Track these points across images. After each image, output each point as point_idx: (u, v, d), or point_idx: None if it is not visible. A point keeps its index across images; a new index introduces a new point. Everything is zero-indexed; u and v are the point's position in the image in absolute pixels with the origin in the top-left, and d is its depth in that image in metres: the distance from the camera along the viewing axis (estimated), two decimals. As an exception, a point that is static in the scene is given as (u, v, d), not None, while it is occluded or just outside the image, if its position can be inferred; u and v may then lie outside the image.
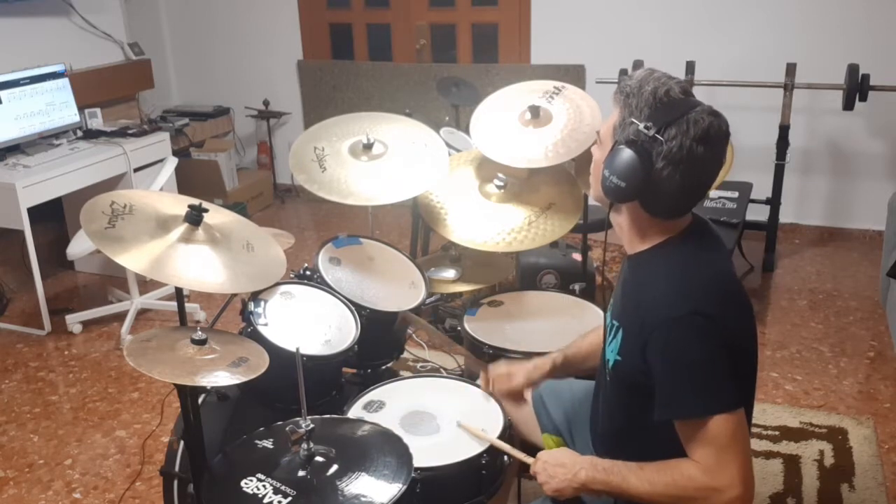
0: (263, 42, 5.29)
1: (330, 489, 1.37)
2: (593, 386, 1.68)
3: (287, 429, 1.42)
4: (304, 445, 1.41)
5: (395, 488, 1.37)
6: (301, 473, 1.40)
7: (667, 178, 1.33)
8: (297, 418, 1.44)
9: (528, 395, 1.86)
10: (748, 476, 1.30)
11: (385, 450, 1.48)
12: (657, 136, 1.32)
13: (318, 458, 1.42)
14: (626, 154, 1.34)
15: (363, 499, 1.35)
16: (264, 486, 1.38)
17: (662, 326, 1.33)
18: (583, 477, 1.42)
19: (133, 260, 1.60)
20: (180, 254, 1.66)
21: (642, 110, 1.34)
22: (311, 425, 1.41)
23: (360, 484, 1.38)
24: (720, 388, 1.31)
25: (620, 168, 1.34)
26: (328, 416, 1.67)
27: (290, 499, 1.35)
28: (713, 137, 1.33)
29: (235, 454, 1.53)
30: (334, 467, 1.41)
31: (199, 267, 1.66)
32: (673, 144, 1.31)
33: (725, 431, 1.29)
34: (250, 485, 1.39)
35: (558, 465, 1.47)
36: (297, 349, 1.42)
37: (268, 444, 1.52)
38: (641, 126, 1.33)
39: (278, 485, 1.38)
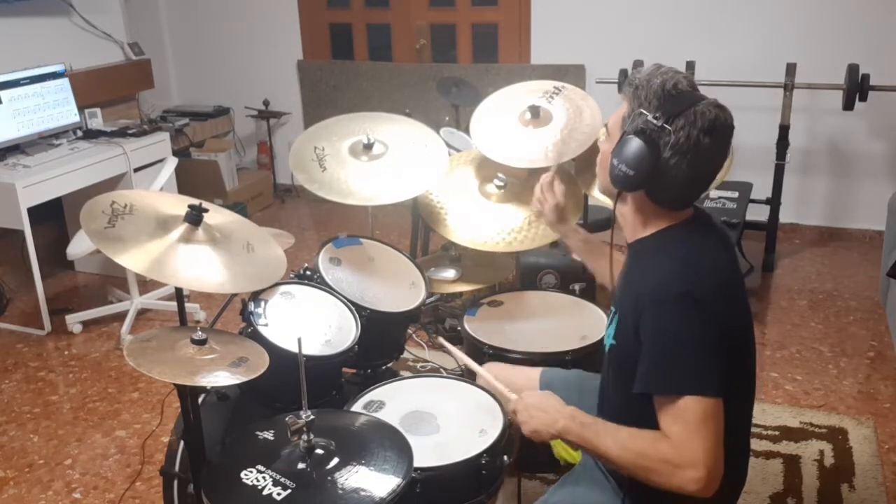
0: (263, 42, 5.29)
1: (329, 482, 1.37)
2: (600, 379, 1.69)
3: (287, 419, 1.42)
4: (304, 437, 1.41)
5: (394, 482, 1.37)
6: (301, 466, 1.40)
7: (674, 168, 1.36)
8: (298, 410, 1.44)
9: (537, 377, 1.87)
10: (712, 461, 1.30)
11: (385, 444, 1.48)
12: (665, 125, 1.35)
13: (318, 451, 1.42)
14: (635, 143, 1.37)
15: (362, 492, 1.35)
16: (264, 477, 1.39)
17: (654, 304, 1.35)
18: (560, 426, 1.45)
19: (133, 260, 1.60)
20: (180, 254, 1.66)
21: (651, 101, 1.37)
22: (312, 416, 1.41)
23: (359, 477, 1.38)
24: (698, 369, 1.32)
25: (629, 157, 1.38)
26: (328, 409, 1.67)
27: (289, 491, 1.35)
28: (719, 129, 1.37)
29: (236, 446, 1.53)
30: (334, 460, 1.42)
31: (199, 267, 1.67)
32: (681, 135, 1.34)
33: (696, 413, 1.30)
34: (250, 476, 1.39)
35: (540, 408, 1.50)
36: (300, 340, 1.42)
37: (268, 435, 1.52)
38: (650, 116, 1.36)
39: (278, 476, 1.38)
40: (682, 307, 1.33)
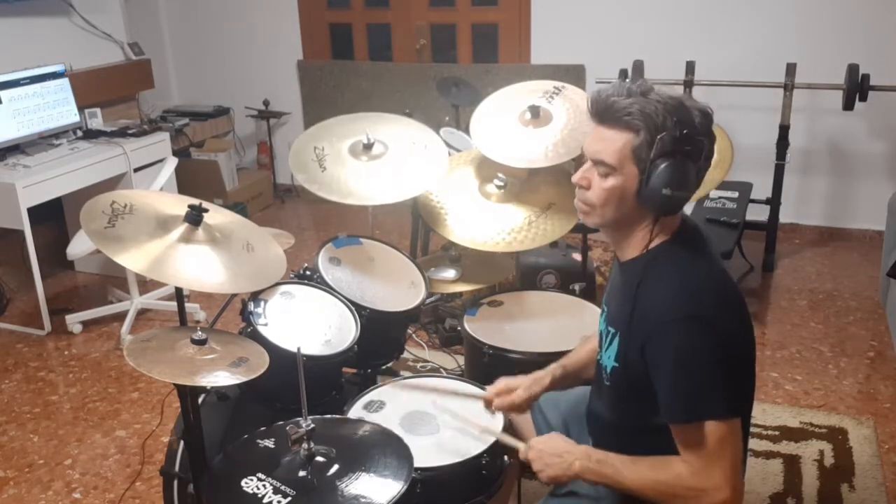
0: (263, 42, 5.29)
1: (330, 489, 1.37)
2: (589, 390, 1.69)
3: (287, 428, 1.42)
4: (305, 445, 1.41)
5: (395, 489, 1.37)
6: (301, 473, 1.40)
7: (700, 171, 1.36)
8: (298, 418, 1.44)
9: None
10: (736, 481, 1.31)
11: (385, 450, 1.48)
12: (695, 134, 1.32)
13: (319, 458, 1.42)
14: (679, 163, 1.32)
15: (363, 499, 1.35)
16: (264, 485, 1.38)
17: (661, 330, 1.33)
18: (577, 467, 1.44)
19: (133, 260, 1.60)
20: (180, 254, 1.66)
21: (665, 118, 1.31)
22: (312, 425, 1.42)
23: (360, 484, 1.38)
24: (713, 394, 1.32)
25: (682, 179, 1.32)
26: (329, 416, 1.67)
27: (289, 498, 1.35)
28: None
29: (236, 453, 1.53)
30: (335, 467, 1.42)
31: (198, 267, 1.67)
32: (706, 138, 1.34)
33: (715, 437, 1.30)
34: (250, 484, 1.39)
35: (554, 454, 1.48)
36: (298, 349, 1.42)
37: (269, 443, 1.52)
38: (676, 133, 1.31)
39: (278, 484, 1.38)
40: (687, 332, 1.32)
